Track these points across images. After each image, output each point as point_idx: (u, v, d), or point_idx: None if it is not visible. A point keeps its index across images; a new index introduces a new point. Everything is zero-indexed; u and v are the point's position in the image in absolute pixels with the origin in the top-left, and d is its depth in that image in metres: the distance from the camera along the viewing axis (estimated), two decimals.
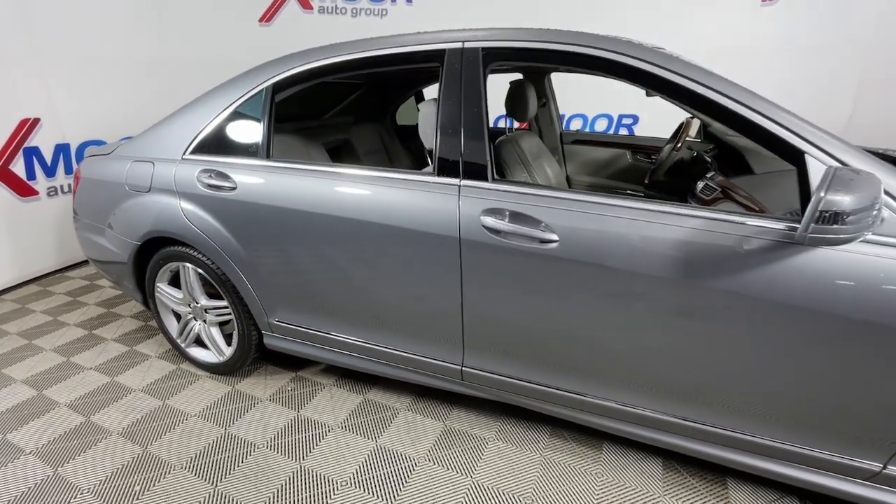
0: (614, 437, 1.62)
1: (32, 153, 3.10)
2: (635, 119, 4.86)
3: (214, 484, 1.50)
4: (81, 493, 1.47)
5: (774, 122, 1.06)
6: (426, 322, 1.50)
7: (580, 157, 2.71)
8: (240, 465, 1.58)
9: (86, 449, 1.65)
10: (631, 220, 1.15)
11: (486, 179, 1.32)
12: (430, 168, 1.44)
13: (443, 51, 1.41)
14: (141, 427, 1.76)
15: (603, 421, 1.42)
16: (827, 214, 0.85)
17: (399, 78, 2.75)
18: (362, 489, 1.47)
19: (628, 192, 2.56)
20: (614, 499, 1.42)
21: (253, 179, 1.65)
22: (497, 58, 1.36)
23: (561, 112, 4.99)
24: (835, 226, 0.85)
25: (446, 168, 1.37)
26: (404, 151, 3.00)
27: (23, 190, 3.06)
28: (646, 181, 2.31)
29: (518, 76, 2.46)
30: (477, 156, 1.34)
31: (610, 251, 1.16)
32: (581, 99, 4.82)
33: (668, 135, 2.46)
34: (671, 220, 1.12)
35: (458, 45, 1.39)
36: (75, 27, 3.21)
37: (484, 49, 1.36)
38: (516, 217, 1.26)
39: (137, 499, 1.45)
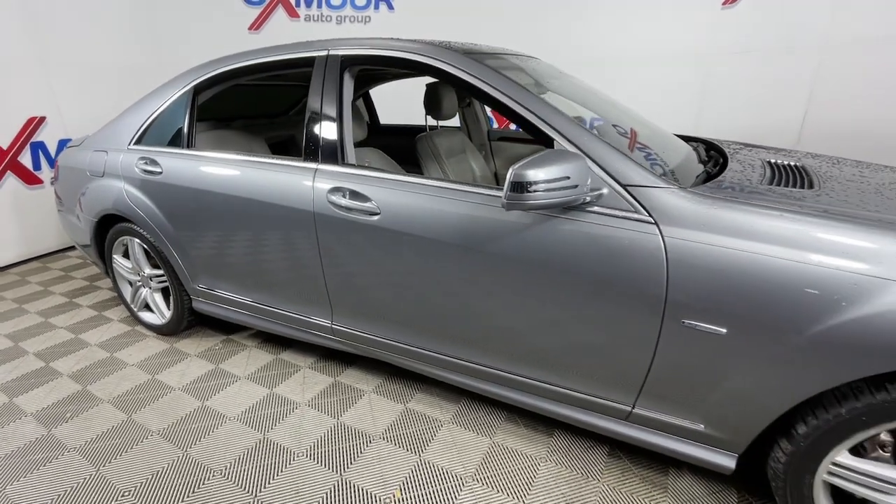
0: (471, 384, 1.85)
1: (38, 147, 3.57)
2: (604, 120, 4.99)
3: (129, 415, 1.82)
4: (25, 416, 1.82)
5: (535, 115, 1.29)
6: (303, 285, 1.78)
7: (506, 153, 2.93)
8: (155, 402, 1.89)
9: (38, 386, 2.01)
10: (429, 196, 1.39)
11: (336, 163, 1.59)
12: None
13: (313, 58, 1.69)
14: (87, 371, 2.11)
15: (441, 372, 1.65)
16: (517, 184, 1.07)
17: None
18: (246, 424, 1.76)
19: None
20: (436, 438, 1.65)
21: (175, 165, 1.97)
22: (353, 63, 1.62)
23: None
24: (523, 193, 1.07)
25: (309, 154, 1.64)
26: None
27: (29, 179, 3.53)
28: None
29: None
30: (331, 144, 1.60)
31: (415, 221, 1.41)
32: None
33: None
34: (455, 196, 1.35)
35: (325, 52, 1.67)
36: (78, 36, 3.66)
37: (342, 56, 1.63)
38: (353, 194, 1.52)
39: (66, 422, 1.78)
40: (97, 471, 1.55)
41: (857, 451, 1.09)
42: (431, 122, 2.31)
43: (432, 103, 2.19)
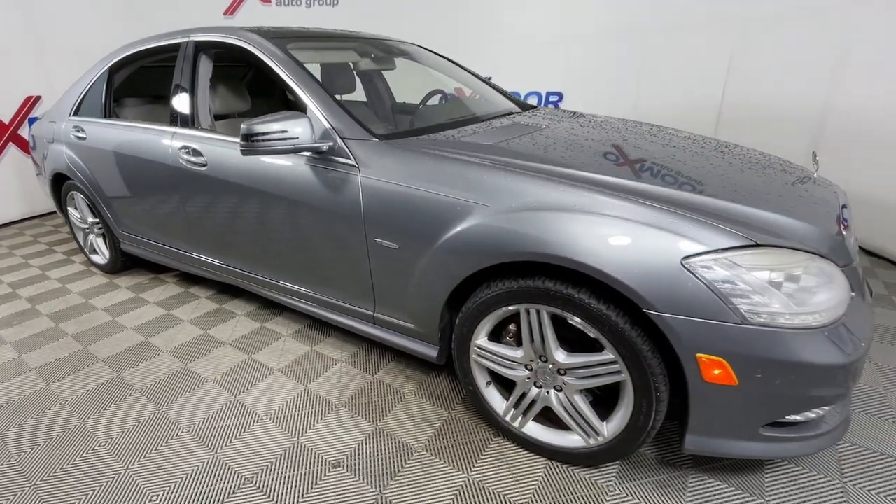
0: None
1: (35, 121, 4.20)
2: (560, 96, 5.21)
3: (57, 324, 2.38)
4: None
5: (296, 86, 1.67)
6: (178, 225, 2.24)
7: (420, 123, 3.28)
8: (80, 316, 2.44)
9: (1, 304, 2.61)
10: (232, 150, 1.81)
11: (188, 127, 2.03)
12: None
13: (179, 44, 2.11)
14: (41, 297, 2.69)
15: (262, 290, 2.09)
16: (245, 135, 1.46)
17: None
18: (138, 332, 2.27)
19: None
20: (270, 346, 2.10)
21: (94, 131, 2.47)
22: (203, 48, 2.04)
23: None
24: (249, 142, 1.46)
25: (173, 120, 2.09)
26: None
27: (28, 149, 4.17)
28: None
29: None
30: (186, 112, 2.04)
31: (225, 169, 1.84)
32: (516, 79, 5.27)
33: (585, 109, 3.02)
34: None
35: (186, 39, 2.09)
36: (68, 21, 4.24)
37: (196, 42, 2.05)
38: (193, 151, 1.96)
39: (11, 327, 2.36)
40: (19, 356, 2.11)
41: (497, 339, 1.45)
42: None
43: (325, 80, 2.58)
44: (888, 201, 2.76)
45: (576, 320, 1.22)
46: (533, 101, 5.31)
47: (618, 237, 1.12)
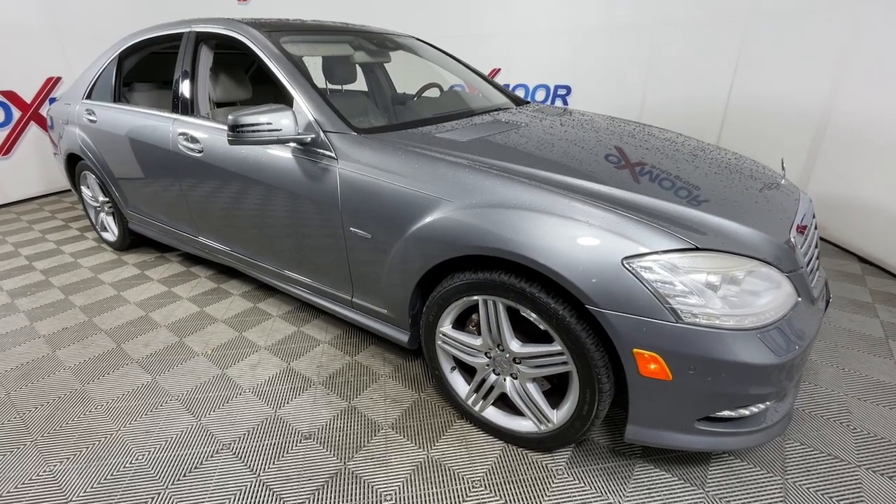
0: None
1: (55, 101, 4.37)
2: (568, 90, 5.20)
3: (67, 296, 2.54)
4: (1, 291, 2.58)
5: (285, 79, 1.74)
6: (178, 207, 2.36)
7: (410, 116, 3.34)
8: (88, 290, 2.60)
9: (18, 275, 2.79)
10: (223, 138, 1.90)
11: (188, 114, 2.13)
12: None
13: (181, 34, 2.21)
14: (55, 270, 2.86)
15: (258, 274, 2.20)
16: (231, 126, 1.55)
17: None
18: (143, 309, 2.41)
19: None
20: (259, 326, 2.21)
21: (104, 115, 2.60)
22: (203, 38, 2.13)
23: (506, 83, 5.46)
24: (235, 133, 1.55)
25: (175, 107, 2.19)
26: None
27: (47, 127, 4.36)
28: None
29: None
30: (186, 100, 2.14)
31: (218, 156, 1.93)
32: (525, 72, 5.27)
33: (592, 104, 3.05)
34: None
35: (188, 30, 2.18)
36: (85, 9, 4.38)
37: (197, 33, 2.14)
38: (190, 137, 2.06)
39: (26, 296, 2.53)
40: (31, 324, 2.27)
41: (463, 328, 1.53)
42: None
43: (326, 71, 2.66)
44: (886, 207, 2.73)
45: (528, 313, 1.29)
46: (541, 94, 5.31)
47: (565, 235, 1.18)
